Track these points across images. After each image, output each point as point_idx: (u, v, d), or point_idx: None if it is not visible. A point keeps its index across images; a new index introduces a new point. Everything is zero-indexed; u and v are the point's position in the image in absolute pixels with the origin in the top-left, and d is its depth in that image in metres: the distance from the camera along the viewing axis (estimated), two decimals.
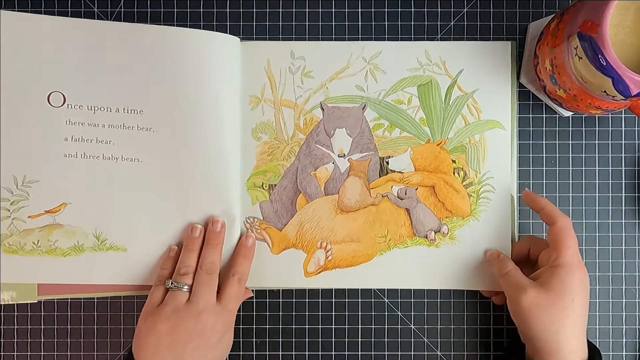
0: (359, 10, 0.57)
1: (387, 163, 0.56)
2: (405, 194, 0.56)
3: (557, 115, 0.57)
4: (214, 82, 0.53)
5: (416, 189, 0.56)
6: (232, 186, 0.55)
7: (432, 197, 0.56)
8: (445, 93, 0.56)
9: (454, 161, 0.56)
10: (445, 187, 0.56)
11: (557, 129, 0.57)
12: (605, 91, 0.44)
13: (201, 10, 0.57)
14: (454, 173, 0.56)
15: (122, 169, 0.53)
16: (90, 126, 0.53)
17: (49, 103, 0.52)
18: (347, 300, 0.57)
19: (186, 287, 0.51)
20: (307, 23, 0.57)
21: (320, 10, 0.57)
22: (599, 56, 0.42)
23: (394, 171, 0.56)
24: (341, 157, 0.56)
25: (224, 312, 0.51)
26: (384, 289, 0.57)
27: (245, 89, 0.55)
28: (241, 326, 0.57)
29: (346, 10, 0.57)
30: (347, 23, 0.57)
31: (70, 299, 0.56)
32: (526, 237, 0.55)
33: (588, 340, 0.50)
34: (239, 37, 0.55)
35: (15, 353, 0.57)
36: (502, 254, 0.54)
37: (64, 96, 0.52)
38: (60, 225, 0.53)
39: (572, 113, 0.56)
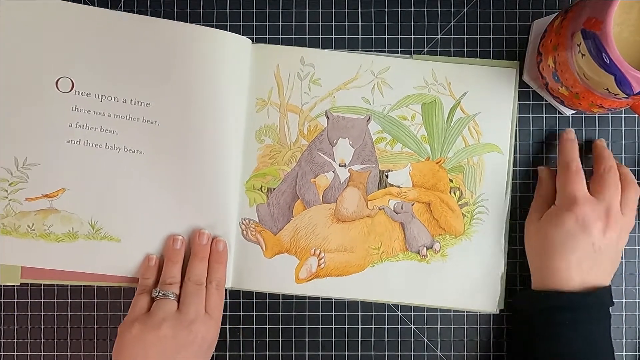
0: (359, 10, 0.57)
1: (387, 176, 0.57)
2: (402, 208, 0.57)
3: (557, 115, 0.57)
4: (223, 81, 0.53)
5: (412, 205, 0.57)
6: (231, 186, 0.55)
7: (427, 214, 0.57)
8: (448, 113, 0.57)
9: (451, 180, 0.57)
10: (440, 205, 0.57)
11: (557, 129, 0.57)
12: (607, 89, 0.44)
13: (201, 10, 0.57)
14: (450, 192, 0.57)
15: (123, 159, 0.53)
16: (96, 114, 0.53)
17: (57, 88, 0.52)
18: (347, 300, 0.57)
19: (172, 295, 0.50)
20: (306, 23, 0.57)
21: (320, 10, 0.57)
22: (602, 53, 0.42)
23: (393, 185, 0.57)
24: (342, 166, 0.57)
25: (211, 321, 0.51)
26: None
27: (253, 91, 0.56)
28: (241, 326, 0.57)
29: (346, 10, 0.57)
30: (346, 23, 0.57)
31: (56, 285, 0.56)
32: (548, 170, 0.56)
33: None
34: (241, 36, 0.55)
35: (15, 353, 0.56)
36: (545, 174, 0.55)
37: (72, 82, 0.52)
38: (57, 210, 0.53)
39: (574, 112, 0.56)
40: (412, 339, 0.58)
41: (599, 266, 0.51)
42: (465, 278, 0.56)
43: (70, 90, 0.52)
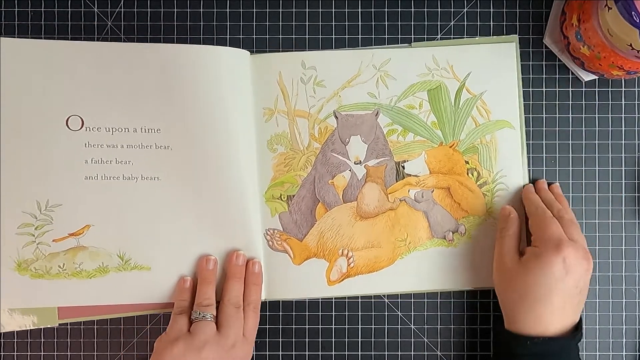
0: (359, 10, 0.57)
1: (403, 167, 0.57)
2: (422, 197, 0.57)
3: (558, 116, 0.58)
4: (226, 96, 0.53)
5: (432, 192, 0.57)
6: (250, 199, 0.55)
7: (448, 199, 0.57)
8: (454, 96, 0.57)
9: (467, 162, 0.57)
10: (460, 188, 0.57)
11: (557, 129, 0.57)
12: (631, 45, 0.45)
13: (201, 10, 0.57)
14: (467, 174, 0.57)
15: (142, 188, 0.53)
16: (109, 147, 0.53)
17: (68, 127, 0.52)
18: (347, 300, 0.57)
19: (210, 316, 0.51)
20: (307, 23, 0.57)
21: (320, 10, 0.57)
22: (630, 4, 0.43)
23: (410, 175, 0.57)
24: (357, 164, 0.57)
25: (247, 345, 0.51)
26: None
27: (258, 101, 0.56)
28: None
29: (346, 10, 0.57)
30: (347, 23, 0.57)
31: (92, 320, 0.56)
32: None
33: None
34: (241, 41, 0.55)
35: (15, 353, 0.56)
36: (514, 214, 0.54)
37: (82, 119, 0.53)
38: (85, 247, 0.53)
39: (592, 77, 0.56)
40: (412, 339, 0.58)
41: (579, 305, 0.50)
42: (493, 256, 0.56)
43: (80, 128, 0.53)
